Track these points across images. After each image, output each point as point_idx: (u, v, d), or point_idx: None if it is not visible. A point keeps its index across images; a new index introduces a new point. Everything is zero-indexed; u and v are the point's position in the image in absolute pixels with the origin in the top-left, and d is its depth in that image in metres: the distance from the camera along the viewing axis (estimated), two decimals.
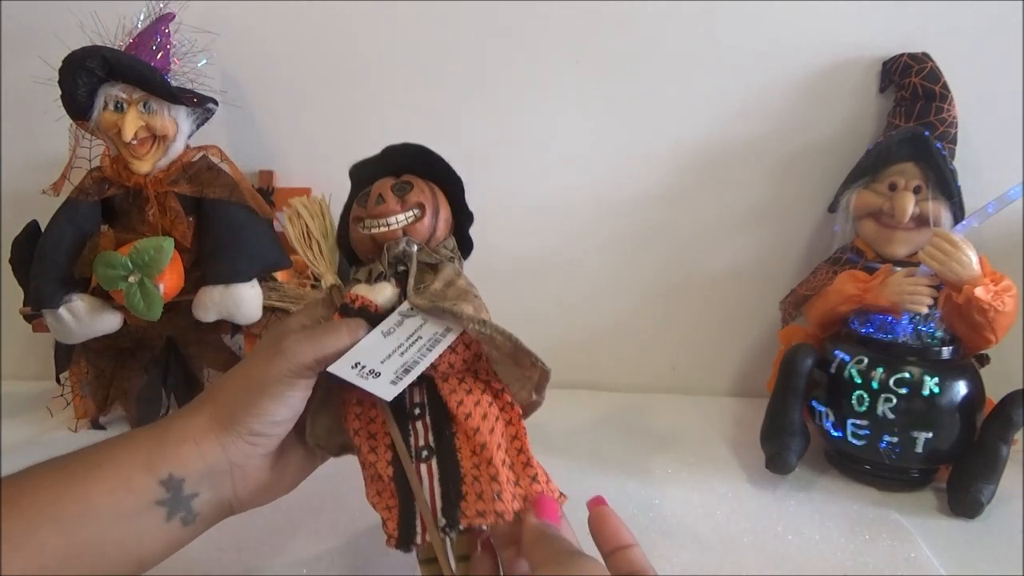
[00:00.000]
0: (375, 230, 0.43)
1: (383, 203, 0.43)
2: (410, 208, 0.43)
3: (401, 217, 0.43)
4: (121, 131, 0.61)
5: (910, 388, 0.57)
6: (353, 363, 0.39)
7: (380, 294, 0.42)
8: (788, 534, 0.53)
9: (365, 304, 0.42)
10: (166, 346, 0.68)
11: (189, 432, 0.38)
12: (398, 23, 0.73)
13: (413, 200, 0.44)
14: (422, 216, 0.44)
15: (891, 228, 0.66)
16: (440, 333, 0.40)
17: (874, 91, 0.73)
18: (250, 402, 0.39)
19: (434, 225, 0.44)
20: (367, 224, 0.44)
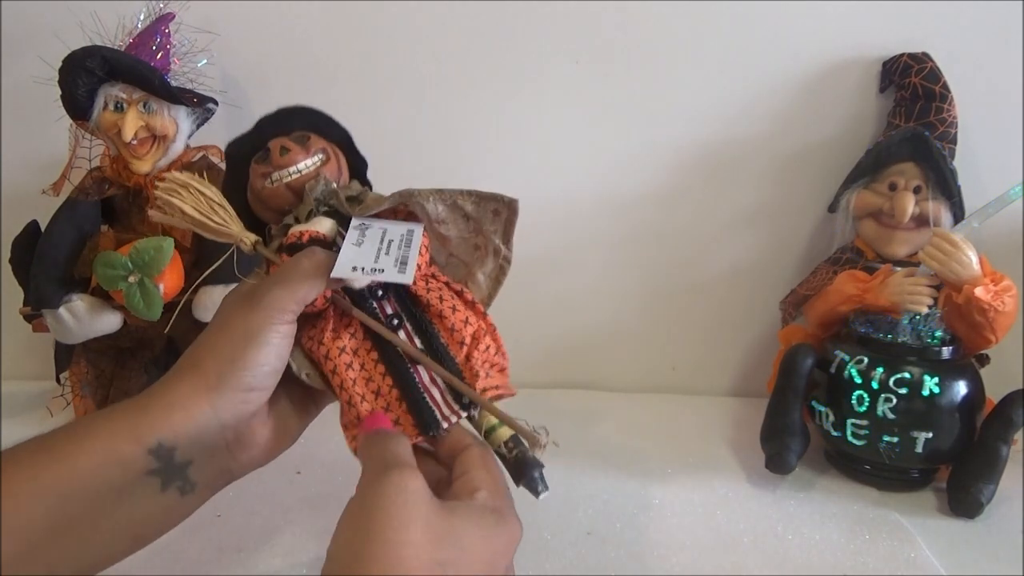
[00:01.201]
0: (288, 179, 0.43)
1: (288, 152, 0.43)
2: (315, 153, 0.44)
3: (310, 161, 0.43)
4: (121, 131, 0.61)
5: (910, 388, 0.57)
6: (351, 267, 0.39)
7: (320, 225, 0.42)
8: (788, 534, 0.53)
9: (312, 236, 0.41)
10: (166, 346, 0.68)
11: (174, 397, 0.37)
12: (398, 23, 0.73)
13: (316, 146, 0.44)
14: (328, 159, 0.44)
15: (891, 228, 0.66)
16: (407, 231, 0.41)
17: (874, 91, 0.73)
18: (237, 356, 0.38)
19: (339, 167, 0.45)
20: (277, 176, 0.43)
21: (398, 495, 0.31)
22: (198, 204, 0.44)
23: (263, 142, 0.45)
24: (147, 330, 0.66)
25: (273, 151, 0.43)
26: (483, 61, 0.74)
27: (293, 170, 0.43)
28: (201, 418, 0.36)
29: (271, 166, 0.43)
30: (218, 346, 0.38)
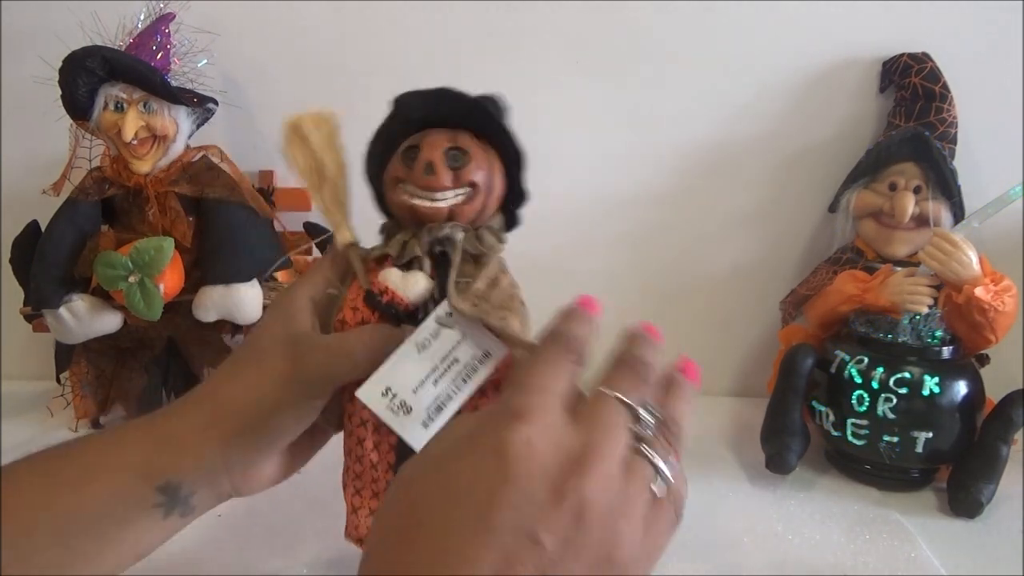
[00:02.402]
0: (418, 202, 0.38)
1: (432, 175, 0.37)
2: (463, 185, 0.38)
3: (451, 194, 0.38)
4: (121, 131, 0.61)
5: (910, 388, 0.57)
6: (384, 388, 0.36)
7: (413, 288, 0.38)
8: (788, 534, 0.53)
9: (395, 301, 0.38)
10: (166, 346, 0.68)
11: (187, 437, 0.36)
12: (398, 23, 0.73)
13: (467, 177, 0.38)
14: (474, 196, 0.38)
15: (891, 228, 0.66)
16: (479, 358, 0.36)
17: (874, 91, 0.73)
18: (260, 423, 0.37)
19: (484, 205, 0.39)
20: (410, 191, 0.38)
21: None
22: (311, 168, 0.40)
23: (430, 117, 0.39)
24: (147, 330, 0.66)
25: (419, 161, 0.38)
26: (483, 61, 0.74)
27: (428, 197, 0.38)
28: (210, 461, 0.37)
29: (409, 176, 0.38)
30: (243, 399, 0.37)
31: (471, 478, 0.25)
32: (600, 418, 0.28)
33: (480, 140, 0.39)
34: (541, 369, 0.29)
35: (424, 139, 0.38)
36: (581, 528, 0.25)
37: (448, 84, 0.38)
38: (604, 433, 0.27)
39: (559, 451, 0.26)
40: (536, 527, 0.24)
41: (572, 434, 0.27)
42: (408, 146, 0.39)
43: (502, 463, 0.25)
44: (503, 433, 0.26)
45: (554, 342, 0.31)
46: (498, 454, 0.25)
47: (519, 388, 0.28)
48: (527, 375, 0.29)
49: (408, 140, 0.39)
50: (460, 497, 0.25)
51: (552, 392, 0.28)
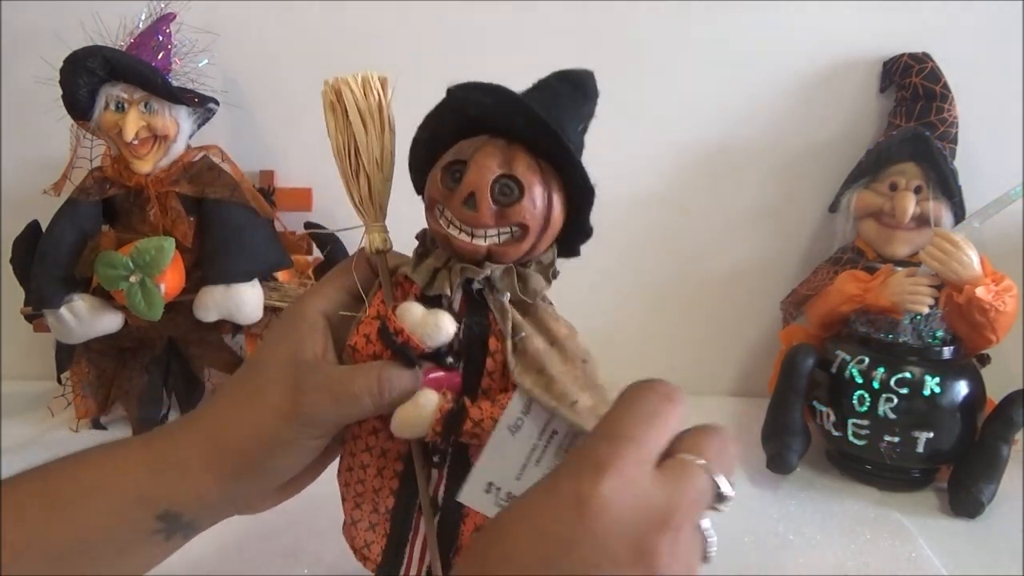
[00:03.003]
0: (454, 234, 0.32)
1: (474, 210, 0.31)
2: (508, 226, 0.32)
3: (492, 233, 0.32)
4: (122, 131, 0.61)
5: (911, 388, 0.57)
6: (486, 485, 0.32)
7: (434, 333, 0.32)
8: (789, 534, 0.53)
9: (410, 344, 0.33)
10: (167, 346, 0.68)
11: (186, 469, 0.35)
12: (398, 23, 0.73)
13: (516, 217, 0.32)
14: (521, 239, 0.32)
15: (892, 228, 0.66)
16: (577, 426, 0.32)
17: (874, 91, 0.73)
18: (259, 460, 0.35)
19: (533, 247, 0.33)
20: (447, 218, 0.32)
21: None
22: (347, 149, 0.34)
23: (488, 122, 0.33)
24: (148, 330, 0.66)
25: (461, 188, 0.31)
26: (483, 61, 0.74)
27: (467, 231, 0.32)
28: (208, 495, 0.36)
29: (448, 199, 0.32)
30: (242, 437, 0.35)
31: (549, 519, 0.25)
32: (687, 484, 0.27)
33: (541, 161, 0.33)
34: (632, 419, 0.28)
35: (474, 158, 0.32)
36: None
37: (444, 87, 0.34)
38: (689, 503, 0.27)
39: (641, 509, 0.25)
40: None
41: (657, 492, 0.26)
42: (453, 161, 0.33)
43: (581, 515, 0.25)
44: (584, 484, 0.25)
45: (654, 389, 0.29)
46: (577, 504, 0.25)
47: (606, 437, 0.27)
48: (617, 423, 0.27)
49: (455, 150, 0.33)
50: (534, 533, 0.25)
51: (641, 444, 0.27)
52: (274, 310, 0.67)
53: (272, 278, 0.68)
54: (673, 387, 0.29)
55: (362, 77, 0.34)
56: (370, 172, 0.34)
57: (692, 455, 0.28)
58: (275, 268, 0.68)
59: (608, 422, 0.28)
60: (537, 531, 0.25)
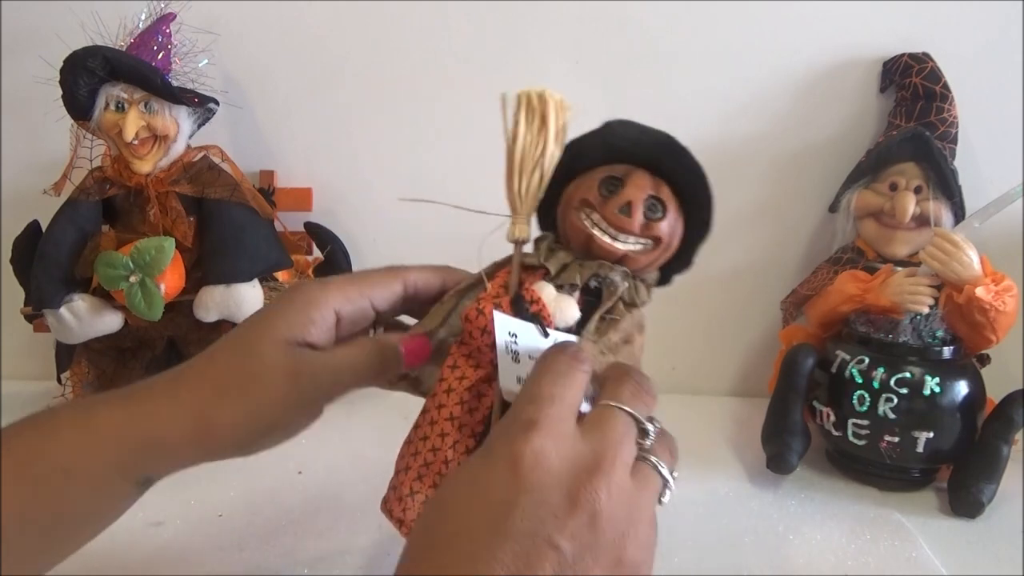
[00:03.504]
0: (599, 235, 0.37)
1: (627, 216, 0.37)
2: (648, 237, 0.38)
3: (632, 241, 0.38)
4: (122, 131, 0.61)
5: (911, 388, 0.57)
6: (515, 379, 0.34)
7: (565, 312, 0.37)
8: (789, 534, 0.53)
9: (542, 315, 0.36)
10: (167, 346, 0.68)
11: (170, 444, 0.34)
12: (398, 23, 0.73)
13: (655, 231, 0.38)
14: (652, 250, 0.38)
15: (892, 228, 0.66)
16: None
17: (874, 91, 0.73)
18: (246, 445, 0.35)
19: (656, 261, 0.39)
20: (594, 221, 0.37)
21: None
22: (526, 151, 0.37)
23: (637, 153, 0.38)
24: (148, 330, 0.66)
25: (618, 197, 0.37)
26: (483, 61, 0.74)
27: (610, 232, 0.37)
28: (191, 459, 0.35)
29: (601, 204, 0.37)
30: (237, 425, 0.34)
31: (487, 487, 0.27)
32: (609, 429, 0.29)
33: (677, 197, 0.39)
34: (551, 379, 0.30)
35: (630, 177, 0.38)
36: (595, 532, 0.26)
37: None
38: (614, 443, 0.29)
39: (571, 460, 0.27)
40: (552, 532, 0.26)
41: (582, 443, 0.28)
42: (610, 176, 0.38)
43: (516, 473, 0.27)
44: (516, 444, 0.27)
45: (563, 351, 0.31)
46: (512, 464, 0.27)
47: (530, 399, 0.29)
48: (537, 385, 0.29)
49: (609, 168, 0.39)
50: (478, 506, 0.26)
51: (562, 402, 0.29)
52: None
53: (272, 278, 0.68)
54: (577, 347, 0.32)
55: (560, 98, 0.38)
56: (544, 173, 0.38)
57: (609, 400, 0.30)
58: (275, 268, 0.68)
59: (528, 386, 0.30)
60: (478, 498, 0.27)
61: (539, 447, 0.27)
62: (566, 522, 0.26)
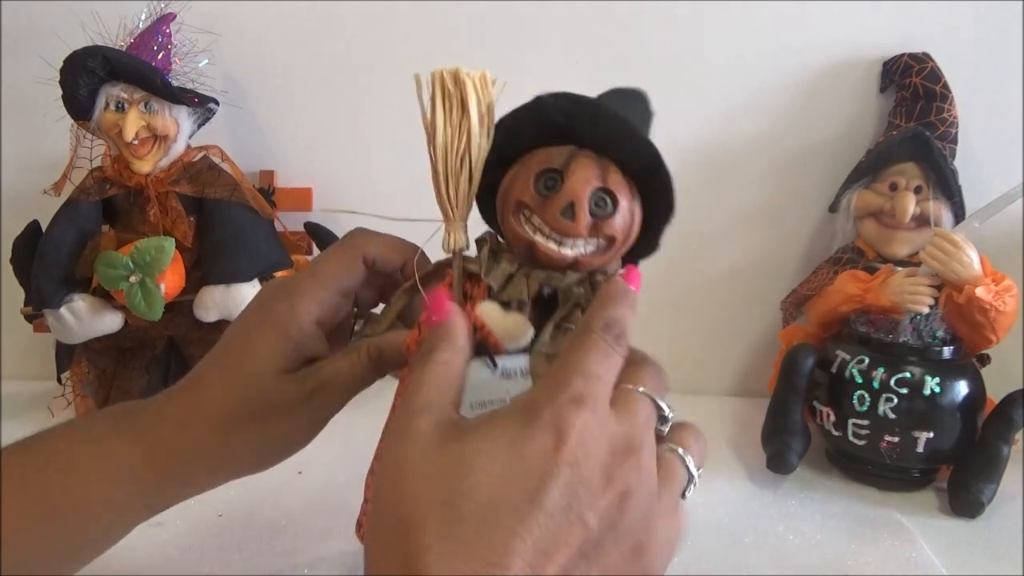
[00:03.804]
0: (542, 242, 0.32)
1: (571, 220, 0.32)
2: (599, 237, 0.33)
3: (581, 243, 0.33)
4: (122, 131, 0.61)
5: (911, 388, 0.56)
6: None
7: (514, 335, 0.32)
8: (789, 534, 0.53)
9: (488, 343, 0.32)
10: (167, 346, 0.68)
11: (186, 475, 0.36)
12: (398, 23, 0.73)
13: (607, 230, 0.32)
14: (606, 250, 0.33)
15: (892, 228, 0.66)
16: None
17: (874, 91, 0.73)
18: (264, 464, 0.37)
19: (614, 256, 0.34)
20: (535, 225, 0.32)
21: (398, 439, 0.28)
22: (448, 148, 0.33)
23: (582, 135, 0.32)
24: (148, 330, 0.66)
25: (558, 197, 0.32)
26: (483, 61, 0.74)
27: (555, 238, 0.32)
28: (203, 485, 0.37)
29: (539, 207, 0.32)
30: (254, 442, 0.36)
31: (532, 456, 0.26)
32: (638, 412, 0.29)
33: (629, 178, 0.33)
34: (597, 357, 0.29)
35: (571, 169, 0.32)
36: (623, 514, 0.26)
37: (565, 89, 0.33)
38: (642, 427, 0.29)
39: (609, 439, 0.27)
40: (585, 509, 0.26)
41: (616, 424, 0.28)
42: (547, 169, 0.32)
43: (562, 445, 0.26)
44: (565, 415, 0.26)
45: (607, 331, 0.30)
46: (559, 435, 0.26)
47: (580, 373, 0.28)
48: (586, 361, 0.29)
49: (546, 154, 0.33)
50: (519, 472, 0.26)
51: (605, 382, 0.29)
52: None
53: (272, 278, 0.68)
54: (620, 331, 0.30)
55: (481, 74, 0.34)
56: (473, 170, 0.33)
57: (633, 385, 0.30)
58: (275, 268, 0.68)
59: (578, 359, 0.29)
60: (517, 464, 0.26)
61: (585, 422, 0.27)
62: (599, 500, 0.26)
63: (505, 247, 0.35)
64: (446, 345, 0.30)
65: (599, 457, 0.26)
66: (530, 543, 0.24)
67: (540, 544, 0.24)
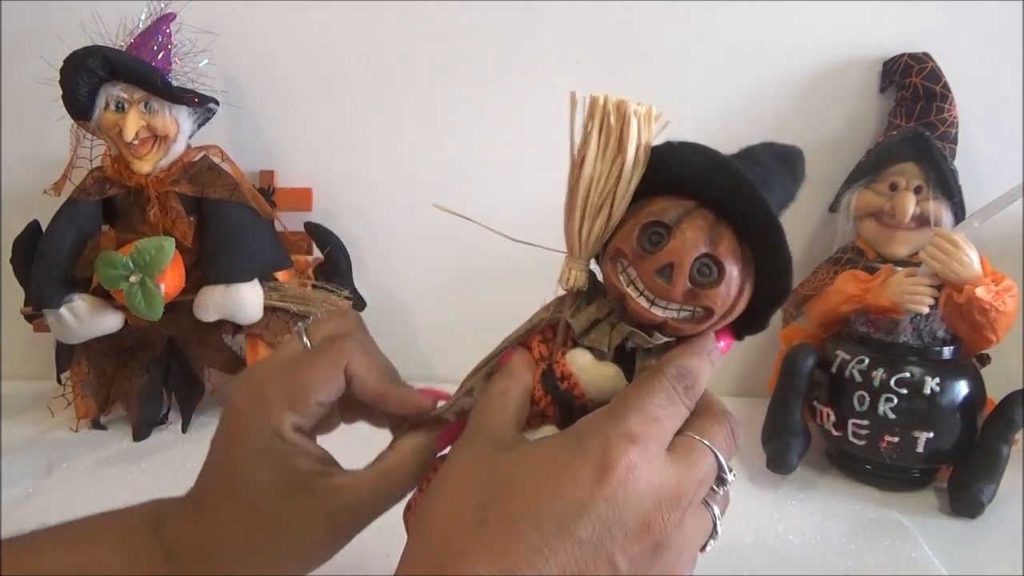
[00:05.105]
0: (633, 295, 0.30)
1: (667, 283, 0.29)
2: (696, 306, 0.30)
3: (675, 307, 0.30)
4: (122, 131, 0.61)
5: (911, 388, 0.56)
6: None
7: (602, 384, 0.31)
8: (789, 534, 0.53)
9: (575, 392, 0.31)
10: (167, 346, 0.68)
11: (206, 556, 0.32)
12: (398, 23, 0.73)
13: (706, 301, 0.30)
14: (701, 320, 0.30)
15: (892, 228, 0.66)
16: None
17: (874, 91, 0.73)
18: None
19: (710, 328, 0.31)
20: (630, 277, 0.30)
21: (454, 450, 0.30)
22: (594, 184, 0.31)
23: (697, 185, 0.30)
24: (148, 330, 0.66)
25: (659, 255, 0.29)
26: (483, 61, 0.74)
27: (647, 296, 0.30)
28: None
29: (640, 259, 0.30)
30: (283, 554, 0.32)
31: (569, 482, 0.26)
32: (697, 467, 0.28)
33: (744, 243, 0.31)
34: (660, 400, 0.28)
35: (680, 227, 0.29)
36: (652, 561, 0.26)
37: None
38: (696, 482, 0.28)
39: (656, 485, 0.27)
40: (616, 550, 0.25)
41: (670, 472, 0.27)
42: (655, 222, 0.30)
43: (604, 478, 0.26)
44: (613, 450, 0.26)
45: (679, 378, 0.29)
46: (603, 468, 0.26)
47: (637, 411, 0.28)
48: (648, 401, 0.28)
49: (656, 209, 0.30)
50: (552, 493, 0.26)
51: (663, 427, 0.28)
52: (274, 310, 0.67)
53: (272, 278, 0.68)
54: (693, 380, 0.30)
55: (647, 109, 0.31)
56: (613, 213, 0.31)
57: (701, 436, 0.29)
58: (275, 268, 0.68)
59: (639, 397, 0.28)
60: (554, 488, 0.26)
61: (633, 462, 0.26)
62: (633, 544, 0.26)
63: (602, 290, 0.33)
64: (503, 377, 0.32)
65: (641, 500, 0.26)
66: (554, 566, 0.25)
67: (564, 569, 0.25)
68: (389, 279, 0.79)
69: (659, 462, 0.27)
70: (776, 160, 0.33)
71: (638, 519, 0.26)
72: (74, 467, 0.60)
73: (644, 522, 0.26)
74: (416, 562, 0.26)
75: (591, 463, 0.26)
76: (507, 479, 0.27)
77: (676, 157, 0.31)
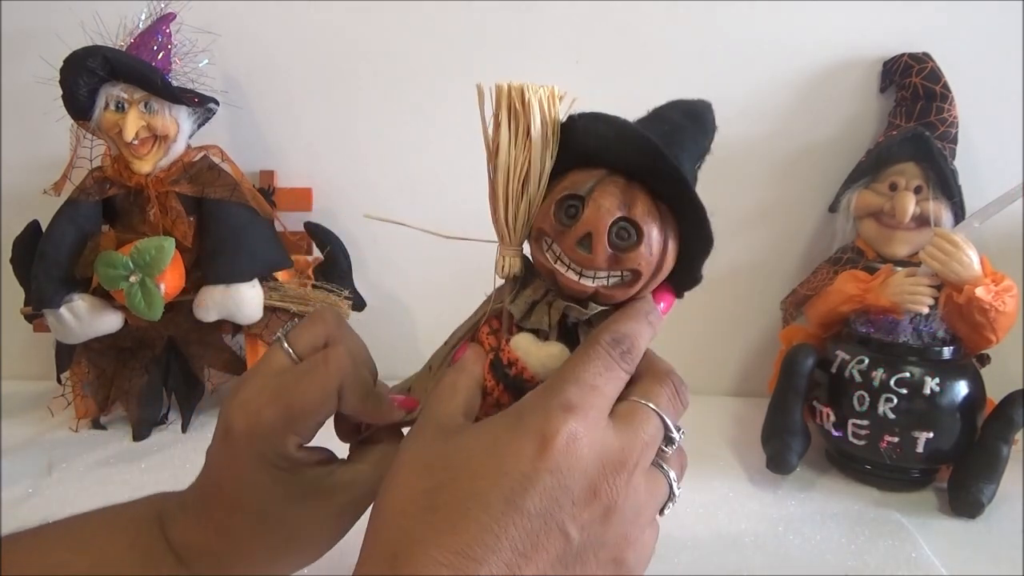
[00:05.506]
0: (562, 270, 0.31)
1: (588, 252, 0.30)
2: (620, 270, 0.31)
3: (603, 275, 0.31)
4: (122, 131, 0.61)
5: (911, 388, 0.57)
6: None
7: (548, 365, 0.31)
8: (789, 534, 0.53)
9: (523, 375, 0.32)
10: (167, 346, 0.68)
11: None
12: (398, 23, 0.73)
13: (630, 264, 0.30)
14: (631, 283, 0.31)
15: (892, 228, 0.66)
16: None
17: (874, 91, 0.73)
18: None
19: (642, 290, 0.32)
20: (555, 254, 0.31)
21: (404, 440, 0.31)
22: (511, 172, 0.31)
23: (608, 156, 0.31)
24: (148, 330, 0.66)
25: (576, 227, 0.30)
26: (483, 61, 0.74)
27: (574, 268, 0.31)
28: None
29: (560, 235, 0.31)
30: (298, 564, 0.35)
31: (512, 457, 0.26)
32: (641, 428, 0.29)
33: (660, 203, 0.31)
34: (596, 368, 0.29)
35: (592, 196, 0.30)
36: (605, 527, 0.27)
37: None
38: (642, 444, 0.28)
39: (599, 451, 0.27)
40: (566, 519, 0.26)
41: (612, 437, 0.28)
42: (570, 195, 0.31)
43: (545, 450, 0.26)
44: (552, 422, 0.26)
45: (614, 345, 0.30)
46: (543, 440, 0.26)
47: (573, 381, 0.28)
48: (583, 371, 0.29)
49: (570, 183, 0.31)
50: (496, 471, 0.26)
51: (602, 393, 0.28)
52: (274, 310, 0.67)
53: (272, 278, 0.68)
54: (630, 344, 0.30)
55: (549, 91, 0.32)
56: (533, 195, 0.32)
57: (643, 399, 0.29)
58: (275, 268, 0.68)
59: (573, 368, 0.29)
60: (498, 466, 0.26)
61: (573, 431, 0.26)
62: (582, 511, 0.26)
63: (537, 272, 0.33)
64: (452, 371, 0.32)
65: (586, 468, 0.26)
66: (505, 542, 0.25)
67: (517, 545, 0.25)
68: (389, 279, 0.79)
69: (600, 429, 0.27)
70: (684, 116, 0.33)
71: (584, 486, 0.26)
72: (74, 467, 0.60)
73: (591, 489, 0.26)
74: (373, 553, 0.27)
75: (532, 437, 0.26)
76: (453, 463, 0.27)
77: (579, 129, 0.31)
